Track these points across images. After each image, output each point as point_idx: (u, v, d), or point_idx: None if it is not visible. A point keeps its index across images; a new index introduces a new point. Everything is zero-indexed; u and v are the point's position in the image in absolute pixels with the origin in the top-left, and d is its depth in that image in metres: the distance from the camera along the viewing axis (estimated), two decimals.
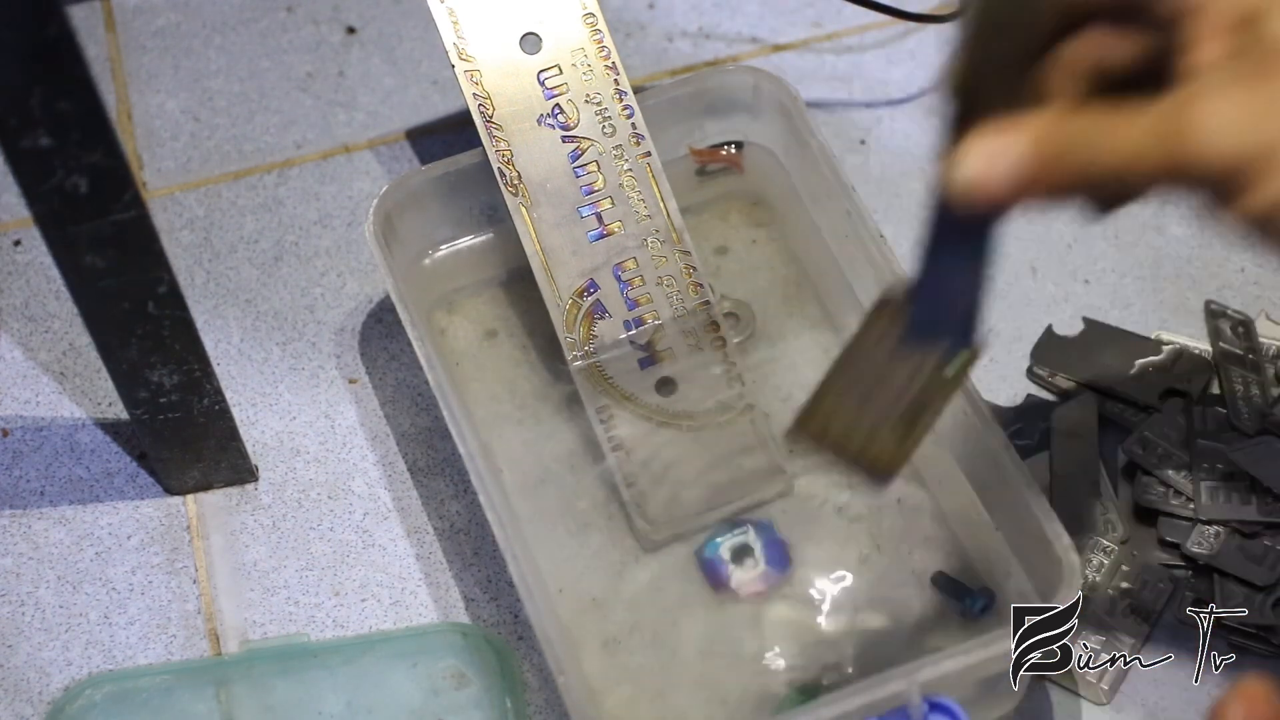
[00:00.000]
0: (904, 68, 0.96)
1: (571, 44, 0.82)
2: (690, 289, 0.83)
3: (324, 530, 0.82)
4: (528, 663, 0.78)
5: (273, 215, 0.92)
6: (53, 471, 0.84)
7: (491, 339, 0.86)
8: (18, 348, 0.88)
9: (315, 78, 0.97)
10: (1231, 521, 0.79)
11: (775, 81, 0.85)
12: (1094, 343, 0.86)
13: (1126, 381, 0.84)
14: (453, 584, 0.81)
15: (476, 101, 0.82)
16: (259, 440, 0.85)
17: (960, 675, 0.70)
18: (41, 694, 0.78)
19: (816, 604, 0.78)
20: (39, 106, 0.64)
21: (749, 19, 0.98)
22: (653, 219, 0.83)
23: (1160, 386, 0.84)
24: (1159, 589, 0.79)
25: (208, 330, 0.87)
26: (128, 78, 0.97)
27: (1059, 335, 0.86)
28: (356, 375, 0.87)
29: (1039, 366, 0.86)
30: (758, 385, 0.83)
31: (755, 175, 0.88)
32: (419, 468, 0.84)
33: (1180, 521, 0.80)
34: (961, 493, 0.78)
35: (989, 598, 0.77)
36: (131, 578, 0.81)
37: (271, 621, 0.80)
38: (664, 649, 0.77)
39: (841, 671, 0.76)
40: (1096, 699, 0.77)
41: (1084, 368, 0.85)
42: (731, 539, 0.79)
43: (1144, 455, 0.81)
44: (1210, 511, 0.79)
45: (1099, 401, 0.84)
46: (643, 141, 0.83)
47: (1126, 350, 0.85)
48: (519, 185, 0.82)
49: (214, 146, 0.94)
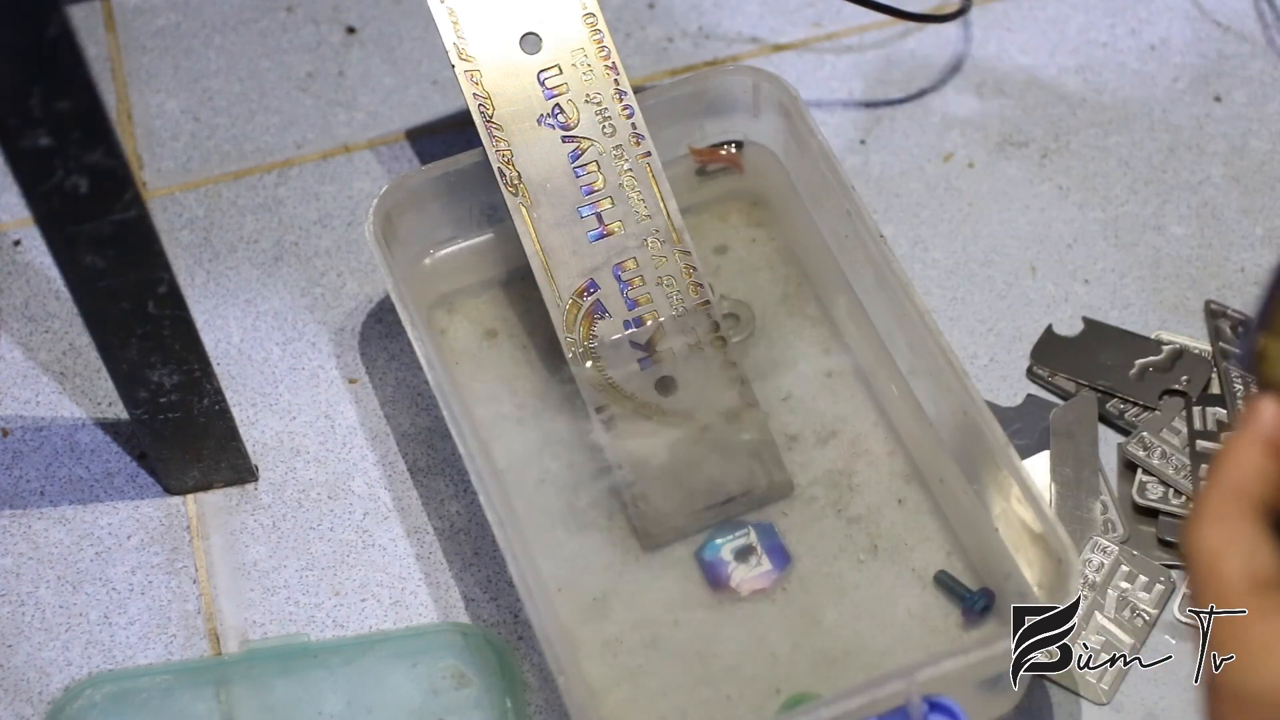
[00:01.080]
0: (904, 68, 0.96)
1: (571, 44, 0.82)
2: (690, 289, 0.83)
3: (324, 530, 0.82)
4: (528, 663, 0.78)
5: (273, 215, 0.92)
6: (53, 471, 0.84)
7: (491, 339, 0.86)
8: (18, 348, 0.88)
9: (315, 78, 0.97)
10: None
11: (775, 81, 0.85)
12: (1094, 343, 0.86)
13: (1126, 381, 0.84)
14: (453, 584, 0.81)
15: (476, 101, 0.82)
16: (259, 440, 0.85)
17: (960, 675, 0.70)
18: (41, 694, 0.78)
19: (816, 604, 0.78)
20: (39, 106, 0.64)
21: (749, 19, 0.98)
22: (653, 219, 0.83)
23: (1160, 386, 0.84)
24: (1159, 589, 0.79)
25: (208, 330, 0.87)
26: (128, 78, 0.97)
27: (1059, 335, 0.87)
28: (356, 375, 0.87)
29: (1039, 366, 0.86)
30: (758, 385, 0.83)
31: (755, 175, 0.88)
32: (419, 468, 0.84)
33: (1180, 521, 0.80)
34: (961, 493, 0.78)
35: (989, 598, 0.77)
36: (131, 578, 0.81)
37: (271, 621, 0.80)
38: (664, 649, 0.77)
39: (841, 672, 0.76)
40: (1096, 699, 0.77)
41: (1084, 368, 0.85)
42: (731, 539, 0.79)
43: (1144, 455, 0.81)
44: None
45: (1099, 401, 0.84)
46: (643, 141, 0.83)
47: (1126, 350, 0.85)
48: (519, 185, 0.82)
49: (214, 146, 0.94)
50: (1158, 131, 0.94)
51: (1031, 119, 0.94)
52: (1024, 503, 0.73)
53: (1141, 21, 0.98)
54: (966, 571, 0.78)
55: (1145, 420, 0.83)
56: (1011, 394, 0.85)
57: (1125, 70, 0.96)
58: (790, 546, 0.79)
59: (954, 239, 0.90)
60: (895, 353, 0.81)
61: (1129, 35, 0.97)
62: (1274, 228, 0.90)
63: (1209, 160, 0.93)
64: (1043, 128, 0.94)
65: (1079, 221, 0.91)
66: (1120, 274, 0.89)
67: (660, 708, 0.76)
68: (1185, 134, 0.94)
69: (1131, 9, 0.98)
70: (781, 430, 0.82)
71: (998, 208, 0.91)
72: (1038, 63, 0.96)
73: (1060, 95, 0.95)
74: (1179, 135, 0.93)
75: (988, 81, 0.96)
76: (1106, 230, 0.90)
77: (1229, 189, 0.92)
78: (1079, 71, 0.96)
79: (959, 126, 0.94)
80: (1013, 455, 0.74)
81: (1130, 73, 0.96)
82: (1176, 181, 0.92)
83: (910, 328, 0.79)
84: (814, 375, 0.84)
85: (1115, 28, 0.98)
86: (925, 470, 0.81)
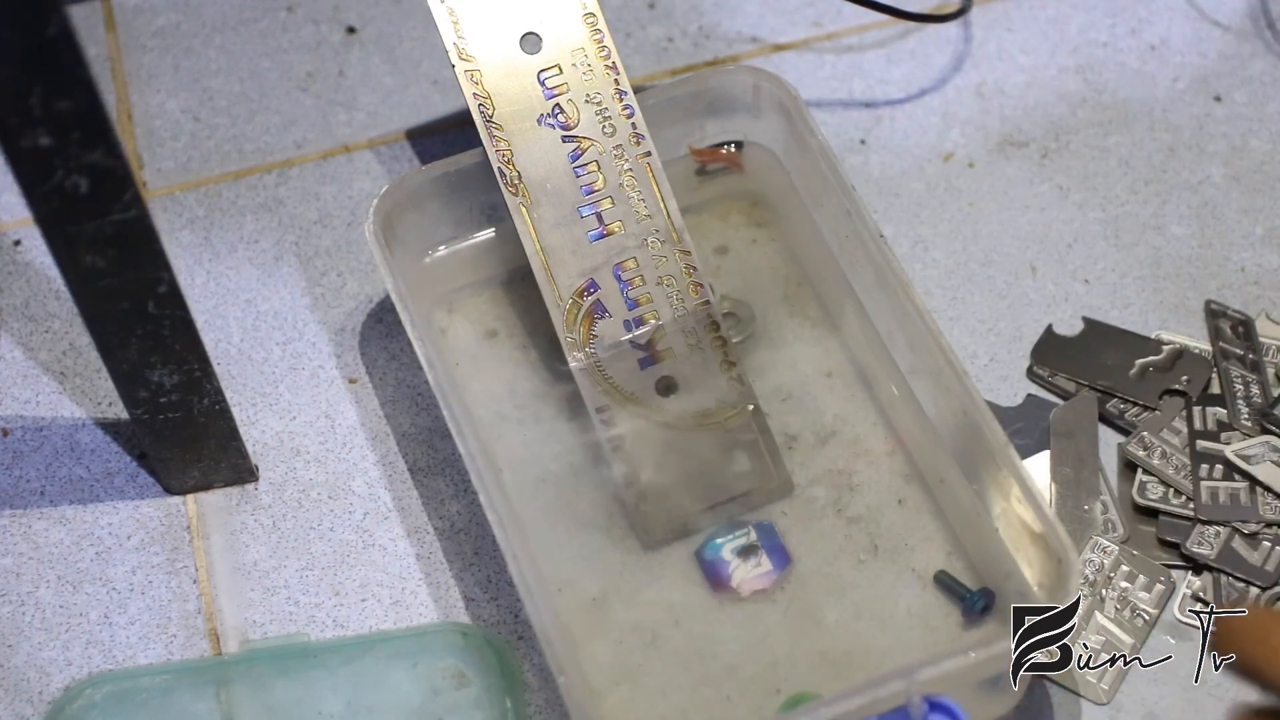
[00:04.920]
0: (904, 68, 0.96)
1: (571, 44, 0.82)
2: (690, 289, 0.83)
3: (324, 530, 0.82)
4: (528, 663, 0.78)
5: (273, 215, 0.92)
6: (53, 471, 0.84)
7: (491, 339, 0.86)
8: (18, 348, 0.88)
9: (315, 78, 0.97)
10: (1231, 521, 0.79)
11: (775, 81, 0.85)
12: (1094, 343, 0.86)
13: (1127, 381, 0.84)
14: (453, 584, 0.81)
15: (476, 101, 0.82)
16: (259, 440, 0.85)
17: (960, 675, 0.70)
18: (41, 694, 0.78)
19: (816, 604, 0.78)
20: (39, 106, 0.64)
21: (749, 19, 0.98)
22: (653, 219, 0.83)
23: (1160, 387, 0.84)
24: (1159, 589, 0.79)
25: (208, 330, 0.87)
26: (128, 78, 0.97)
27: (1059, 335, 0.87)
28: (356, 375, 0.87)
29: (1039, 366, 0.86)
30: (758, 385, 0.83)
31: (755, 175, 0.88)
32: (419, 468, 0.84)
33: (1180, 521, 0.80)
34: (961, 493, 0.78)
35: (989, 598, 0.77)
36: (131, 578, 0.81)
37: (271, 621, 0.80)
38: (664, 649, 0.77)
39: (841, 671, 0.76)
40: (1096, 699, 0.77)
41: (1084, 368, 0.85)
42: (732, 539, 0.79)
43: (1144, 455, 0.81)
44: (1210, 512, 0.79)
45: (1099, 401, 0.84)
46: (643, 141, 0.83)
47: (1126, 350, 0.85)
48: (519, 185, 0.82)
49: (214, 146, 0.94)
50: (1158, 131, 0.94)
51: (1031, 119, 0.94)
52: (1024, 503, 0.73)
53: (1141, 21, 0.98)
54: (966, 571, 0.78)
55: (1145, 420, 0.83)
56: (1011, 394, 0.85)
57: (1125, 70, 0.96)
58: (790, 546, 0.80)
59: (954, 239, 0.90)
60: (895, 353, 0.81)
61: (1129, 35, 0.97)
62: (1274, 228, 0.90)
63: (1209, 160, 0.93)
64: (1043, 128, 0.94)
65: (1079, 221, 0.91)
66: (1120, 274, 0.89)
67: (660, 708, 0.76)
68: (1185, 134, 0.94)
69: (1131, 9, 0.98)
70: (781, 430, 0.82)
71: (998, 208, 0.91)
72: (1038, 63, 0.96)
73: (1060, 95, 0.95)
74: (1179, 135, 0.93)
75: (988, 81, 0.96)
76: (1106, 230, 0.90)
77: (1229, 189, 0.92)
78: (1079, 71, 0.96)
79: (959, 126, 0.94)
80: (1013, 455, 0.74)
81: (1130, 73, 0.96)
82: (1176, 181, 0.92)
83: (910, 328, 0.79)
84: (814, 375, 0.84)
85: (1115, 28, 0.98)
86: (925, 470, 0.81)
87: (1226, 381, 0.84)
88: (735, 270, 0.88)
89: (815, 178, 0.84)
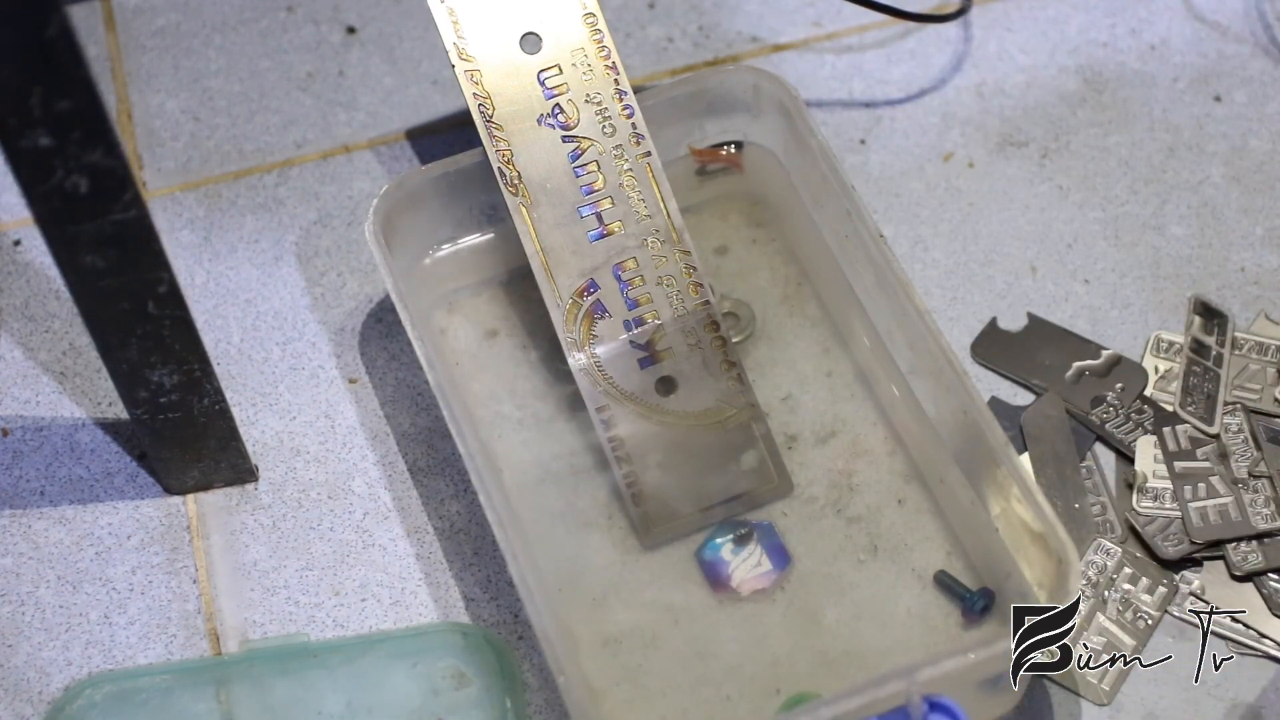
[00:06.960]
0: (904, 68, 0.96)
1: (571, 44, 0.82)
2: (690, 289, 0.83)
3: (324, 530, 0.82)
4: (528, 663, 0.78)
5: (273, 215, 0.92)
6: (53, 471, 0.84)
7: (491, 339, 0.86)
8: (18, 348, 0.88)
9: (315, 78, 0.97)
10: (1226, 538, 0.79)
11: (775, 81, 0.85)
12: (1035, 340, 0.86)
13: (1061, 383, 0.84)
14: (453, 584, 0.81)
15: (476, 101, 0.82)
16: (259, 440, 0.85)
17: (960, 675, 0.70)
18: (41, 694, 0.78)
19: (816, 604, 0.78)
20: (39, 106, 0.64)
21: (749, 19, 0.98)
22: (653, 219, 0.83)
23: (1093, 392, 0.84)
24: (1161, 591, 0.79)
25: (208, 330, 0.87)
26: (128, 78, 0.97)
27: (1001, 329, 0.86)
28: (356, 375, 0.87)
29: (977, 359, 0.85)
30: (758, 385, 0.83)
31: (755, 175, 0.88)
32: (419, 468, 0.84)
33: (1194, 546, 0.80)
34: (961, 493, 0.78)
35: (989, 598, 0.77)
36: (131, 578, 0.81)
37: (271, 621, 0.80)
38: (664, 649, 0.77)
39: (841, 671, 0.76)
40: (1096, 699, 0.77)
41: (1020, 364, 0.85)
42: (731, 539, 0.79)
43: (1154, 505, 0.81)
44: (1202, 533, 0.79)
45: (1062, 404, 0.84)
46: (643, 141, 0.83)
47: (1066, 351, 0.85)
48: (519, 185, 0.82)
49: (214, 146, 0.94)
50: (1158, 131, 0.94)
51: (1031, 119, 0.94)
52: (1024, 502, 0.73)
53: (1141, 21, 0.98)
54: (966, 571, 0.78)
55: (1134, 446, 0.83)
56: (1012, 394, 0.85)
57: (1125, 70, 0.96)
58: (790, 546, 0.80)
59: (954, 239, 0.90)
60: (895, 353, 0.81)
61: (1129, 35, 0.97)
62: (1274, 228, 0.90)
63: (1209, 160, 0.93)
64: (1043, 128, 0.94)
65: (1079, 221, 0.91)
66: (1120, 274, 0.89)
67: (660, 708, 0.76)
68: (1185, 134, 0.94)
69: (1131, 9, 0.98)
70: (781, 430, 0.82)
71: (998, 207, 0.91)
72: (1038, 63, 0.96)
73: (1060, 95, 0.95)
74: (1179, 135, 0.93)
75: (988, 81, 0.96)
76: (1106, 230, 0.90)
77: (1229, 189, 0.92)
78: (1079, 71, 0.96)
79: (959, 126, 0.94)
80: (1013, 455, 0.74)
81: (1130, 73, 0.96)
82: (1176, 181, 0.92)
83: (910, 328, 0.79)
84: (814, 375, 0.84)
85: (1115, 28, 0.98)
86: (925, 470, 0.81)
87: (1185, 370, 0.84)
88: (735, 270, 0.88)
89: (815, 178, 0.84)
